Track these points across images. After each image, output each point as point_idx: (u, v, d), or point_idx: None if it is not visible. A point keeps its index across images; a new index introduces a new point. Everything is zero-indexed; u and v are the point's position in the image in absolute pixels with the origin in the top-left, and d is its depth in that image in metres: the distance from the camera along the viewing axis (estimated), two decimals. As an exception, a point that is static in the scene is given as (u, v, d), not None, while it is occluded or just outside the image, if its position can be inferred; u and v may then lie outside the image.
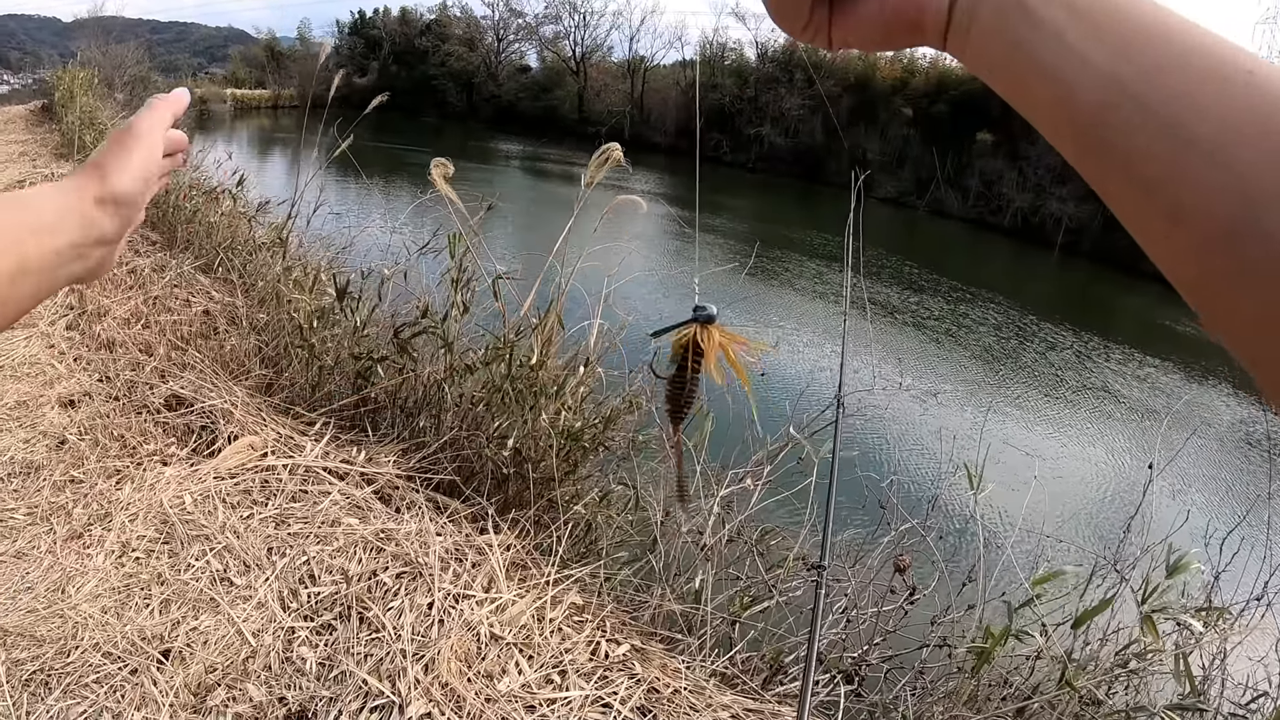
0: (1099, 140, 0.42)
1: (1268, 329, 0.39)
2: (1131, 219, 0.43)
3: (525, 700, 2.07)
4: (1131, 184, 0.42)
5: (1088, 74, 0.42)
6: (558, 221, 3.52)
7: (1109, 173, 0.43)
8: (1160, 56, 0.40)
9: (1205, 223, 0.39)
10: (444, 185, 3.17)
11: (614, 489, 3.28)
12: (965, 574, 3.03)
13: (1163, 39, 0.41)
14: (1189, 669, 2.23)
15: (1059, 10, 0.43)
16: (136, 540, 2.88)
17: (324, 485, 3.19)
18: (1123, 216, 0.44)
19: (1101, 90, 0.41)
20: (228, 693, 2.28)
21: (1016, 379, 13.11)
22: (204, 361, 4.27)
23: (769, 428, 3.35)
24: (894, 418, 4.04)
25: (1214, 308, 0.41)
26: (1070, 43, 0.42)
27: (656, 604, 2.78)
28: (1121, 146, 0.41)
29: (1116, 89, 0.41)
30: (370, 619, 2.44)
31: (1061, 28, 0.43)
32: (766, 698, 2.35)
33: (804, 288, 16.94)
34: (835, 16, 0.51)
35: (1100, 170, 0.43)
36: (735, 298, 9.81)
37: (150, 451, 3.43)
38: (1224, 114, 0.39)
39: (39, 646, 2.42)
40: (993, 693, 2.58)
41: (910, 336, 14.72)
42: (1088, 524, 3.62)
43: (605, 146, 3.22)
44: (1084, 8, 0.43)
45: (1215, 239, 0.39)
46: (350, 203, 8.01)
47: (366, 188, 6.31)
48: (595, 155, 3.21)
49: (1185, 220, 0.40)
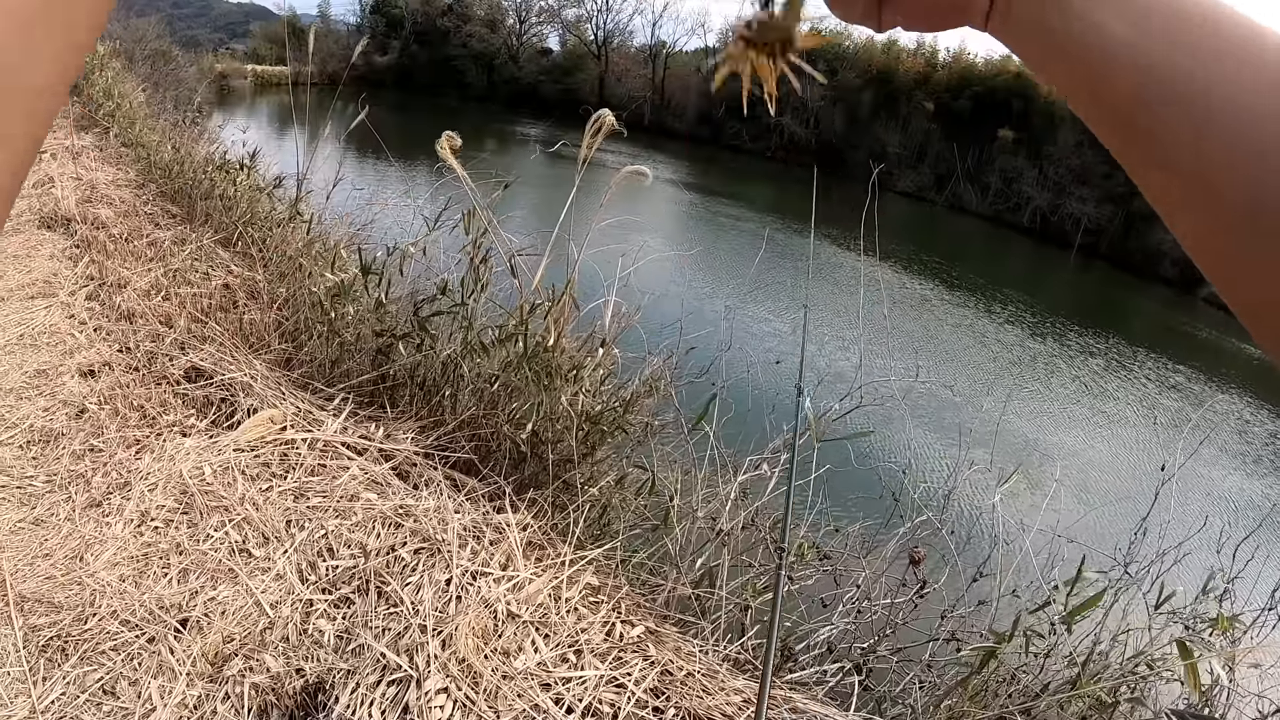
0: (1133, 121, 0.43)
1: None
2: (1161, 200, 0.44)
3: (541, 678, 2.07)
4: (1163, 163, 0.43)
5: (1124, 56, 0.42)
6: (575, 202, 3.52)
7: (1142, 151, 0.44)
8: (1197, 38, 0.41)
9: (1234, 202, 0.40)
10: (452, 157, 3.17)
11: (630, 472, 3.29)
12: (976, 569, 3.03)
13: (1199, 22, 0.42)
14: (1198, 676, 2.23)
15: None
16: (155, 510, 2.89)
17: (342, 460, 3.20)
18: (1152, 197, 0.45)
19: (1137, 71, 0.42)
20: (245, 663, 2.29)
21: (1033, 376, 13.07)
22: (224, 334, 4.28)
23: (786, 415, 3.35)
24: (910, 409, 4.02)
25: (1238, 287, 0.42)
26: (1108, 25, 0.43)
27: (671, 587, 2.79)
28: (1155, 127, 0.42)
29: (1149, 70, 0.42)
30: (388, 593, 2.45)
31: (1100, 10, 0.43)
32: (778, 684, 2.35)
33: (822, 276, 16.89)
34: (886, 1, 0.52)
35: (1133, 149, 0.44)
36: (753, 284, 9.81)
37: (170, 422, 3.44)
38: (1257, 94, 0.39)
39: (57, 613, 2.44)
40: (1000, 689, 2.59)
41: (927, 330, 14.68)
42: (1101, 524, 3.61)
43: (597, 114, 3.18)
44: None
45: (1243, 218, 0.39)
46: (369, 179, 8.02)
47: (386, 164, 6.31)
48: (589, 125, 3.17)
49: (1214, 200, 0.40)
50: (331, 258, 4.31)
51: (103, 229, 5.74)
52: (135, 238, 5.66)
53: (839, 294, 14.44)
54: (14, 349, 3.89)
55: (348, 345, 4.10)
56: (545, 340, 3.21)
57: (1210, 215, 0.41)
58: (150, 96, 11.86)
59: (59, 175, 7.27)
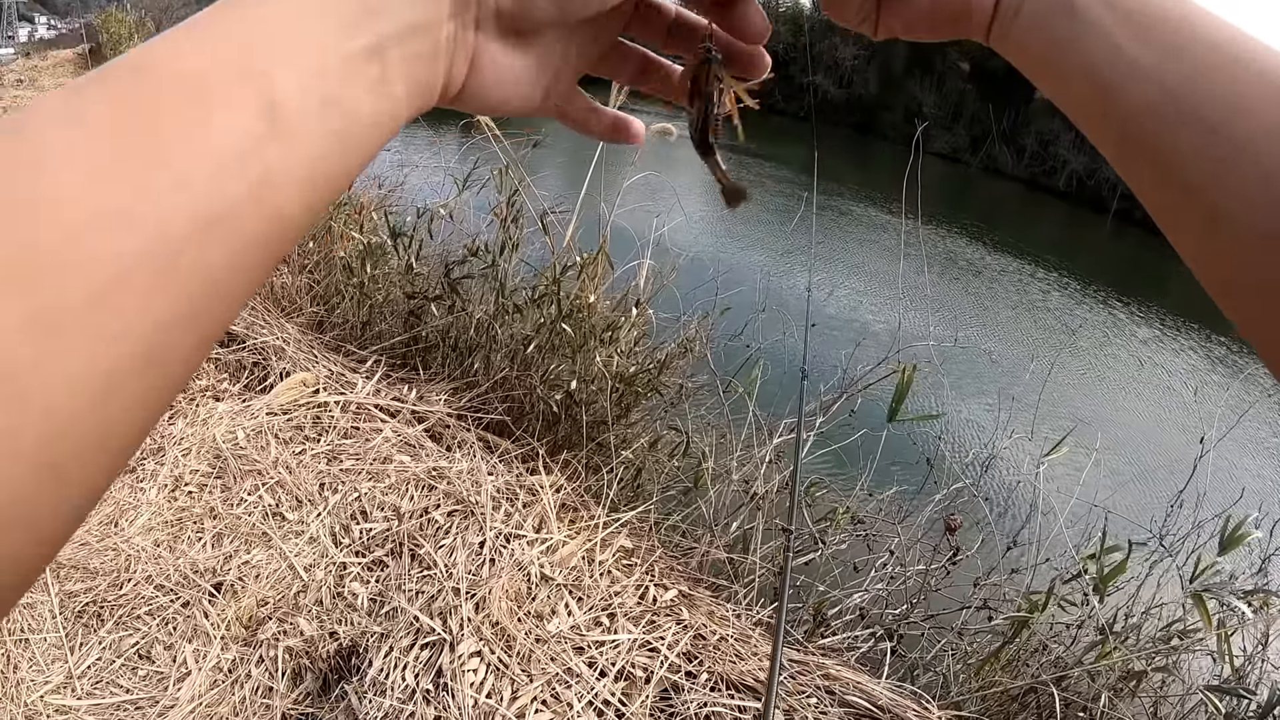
0: (1140, 140, 0.42)
1: None
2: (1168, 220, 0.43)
3: (574, 641, 2.05)
4: (1170, 185, 0.41)
5: (1132, 74, 0.41)
6: (607, 161, 3.46)
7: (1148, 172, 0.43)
8: (1206, 59, 0.40)
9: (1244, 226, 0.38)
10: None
11: (664, 434, 3.25)
12: (1010, 538, 2.98)
13: (1209, 42, 0.40)
14: (1231, 650, 2.18)
15: (1104, 9, 0.42)
16: (189, 474, 2.90)
17: (375, 422, 3.18)
18: (1159, 216, 0.44)
19: (1145, 90, 0.41)
20: (279, 626, 2.29)
21: (1075, 344, 12.88)
22: (256, 299, 4.28)
23: (823, 378, 3.30)
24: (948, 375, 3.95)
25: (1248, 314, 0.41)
26: (1115, 42, 0.42)
27: (704, 551, 2.76)
28: (1162, 147, 0.41)
29: (1160, 90, 0.40)
30: (422, 556, 2.44)
31: (1107, 26, 0.42)
32: (810, 649, 2.32)
33: (859, 236, 16.73)
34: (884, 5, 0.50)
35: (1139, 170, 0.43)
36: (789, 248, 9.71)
37: (203, 387, 3.44)
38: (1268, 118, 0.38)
39: (92, 579, 2.45)
40: (1032, 659, 2.55)
41: (966, 294, 14.49)
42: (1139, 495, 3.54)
43: None
44: (1130, 7, 0.42)
45: (1253, 243, 0.38)
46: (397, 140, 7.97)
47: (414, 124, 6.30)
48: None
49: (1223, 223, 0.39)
50: (361, 220, 4.28)
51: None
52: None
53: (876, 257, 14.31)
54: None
55: (379, 308, 4.09)
56: (579, 300, 3.17)
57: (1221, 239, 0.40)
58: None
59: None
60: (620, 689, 1.93)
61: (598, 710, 1.86)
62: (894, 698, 2.05)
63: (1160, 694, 2.48)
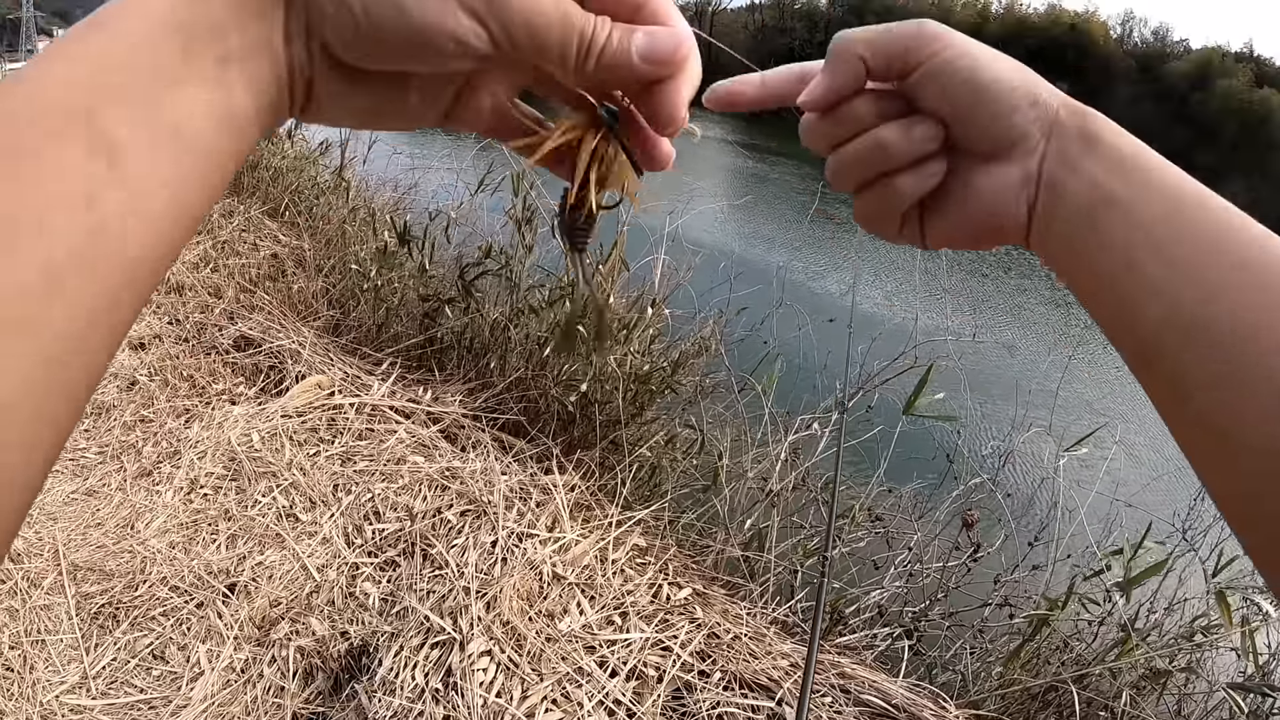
0: (1156, 355, 0.43)
1: None
2: (1181, 432, 0.43)
3: (586, 641, 2.04)
4: (1183, 401, 0.42)
5: (1150, 291, 0.42)
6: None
7: (1163, 385, 0.43)
8: (1223, 278, 0.40)
9: (1258, 450, 0.38)
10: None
11: (680, 432, 3.23)
12: (1032, 534, 2.94)
13: (1228, 260, 0.41)
14: (1255, 647, 2.14)
15: (1122, 228, 0.44)
16: (204, 477, 2.91)
17: (390, 424, 3.18)
18: (1171, 426, 0.44)
19: (1162, 309, 0.41)
20: (291, 626, 2.29)
21: (1094, 337, 12.72)
22: (272, 303, 4.29)
23: (839, 373, 3.27)
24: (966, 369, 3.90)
25: (1259, 536, 0.40)
26: (1134, 259, 0.43)
27: (719, 549, 2.74)
28: (1177, 365, 0.41)
29: (1177, 309, 0.41)
30: (434, 556, 2.43)
31: (1125, 244, 0.43)
32: (826, 648, 2.30)
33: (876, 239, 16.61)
34: (927, 226, 0.53)
35: (1154, 381, 0.44)
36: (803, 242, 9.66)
37: (219, 391, 3.46)
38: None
39: (108, 580, 2.46)
40: (1053, 657, 2.51)
41: (984, 288, 14.36)
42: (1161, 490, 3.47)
43: None
44: (1148, 223, 0.43)
45: (1267, 470, 0.38)
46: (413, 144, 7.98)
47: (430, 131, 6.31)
48: None
49: (1235, 444, 0.39)
50: (374, 224, 4.29)
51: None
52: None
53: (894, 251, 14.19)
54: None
55: (394, 310, 4.10)
56: (609, 299, 3.15)
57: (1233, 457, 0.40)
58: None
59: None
60: (631, 688, 1.91)
61: (608, 710, 1.84)
62: (911, 697, 2.03)
63: (1184, 692, 2.44)
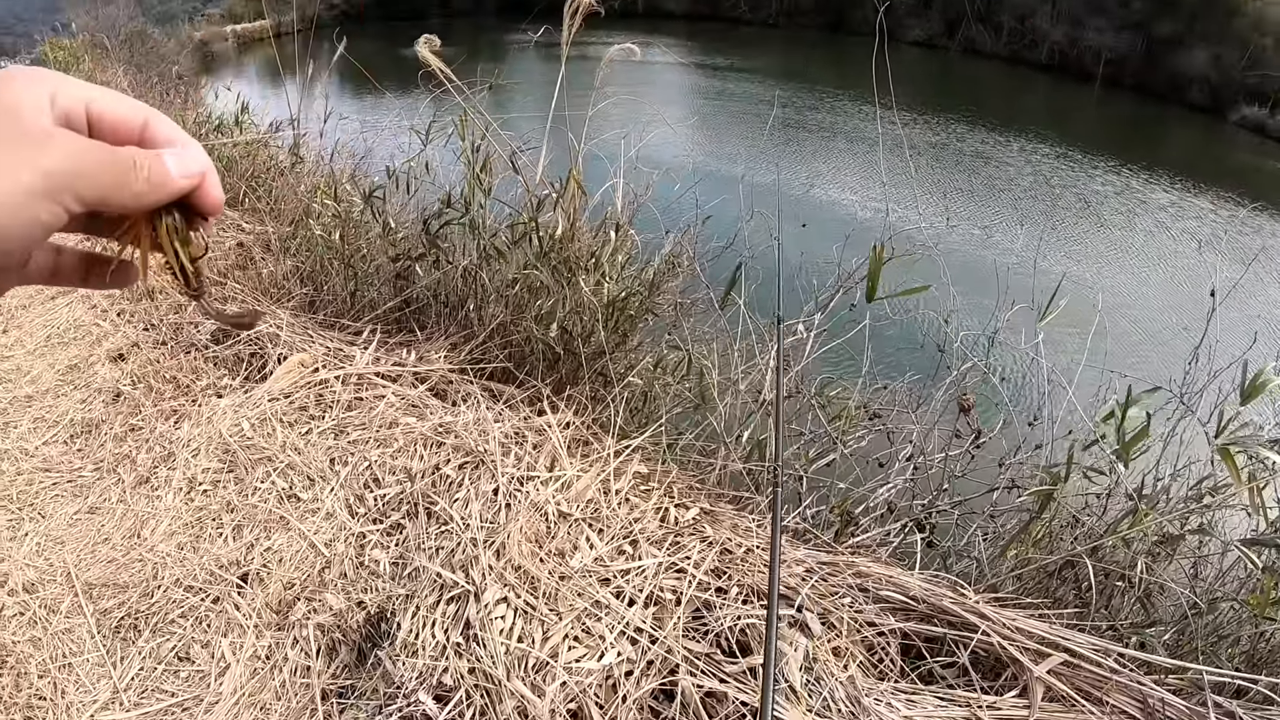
0: None
1: None
2: None
3: (599, 574, 2.03)
4: None
5: None
6: (576, 98, 3.38)
7: None
8: None
9: None
10: (435, 59, 3.02)
11: (666, 355, 3.20)
12: (1030, 414, 2.93)
13: None
14: (1264, 503, 2.13)
15: None
16: (201, 474, 2.90)
17: (377, 390, 3.16)
18: None
19: None
20: (308, 605, 2.29)
21: (1067, 214, 12.67)
22: (244, 291, 4.26)
23: (818, 275, 3.24)
24: (944, 258, 3.85)
25: None
26: None
27: (721, 465, 2.73)
28: None
29: None
30: (438, 513, 2.42)
31: None
32: (840, 549, 2.29)
33: (842, 131, 16.53)
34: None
35: None
36: (767, 150, 9.57)
37: (204, 387, 3.43)
38: None
39: (123, 593, 2.47)
40: (1065, 533, 2.51)
41: (953, 176, 14.30)
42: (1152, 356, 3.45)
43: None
44: None
45: None
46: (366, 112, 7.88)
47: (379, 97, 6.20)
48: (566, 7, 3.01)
49: None
50: (335, 193, 4.22)
51: (108, 219, 5.72)
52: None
53: (863, 151, 14.14)
54: (43, 350, 3.91)
55: (366, 278, 4.05)
56: (558, 232, 3.10)
57: None
58: (134, 79, 11.64)
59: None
60: (651, 614, 1.90)
61: (630, 639, 1.83)
62: (929, 587, 2.02)
63: (1198, 554, 2.44)
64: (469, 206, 3.37)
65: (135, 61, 15.20)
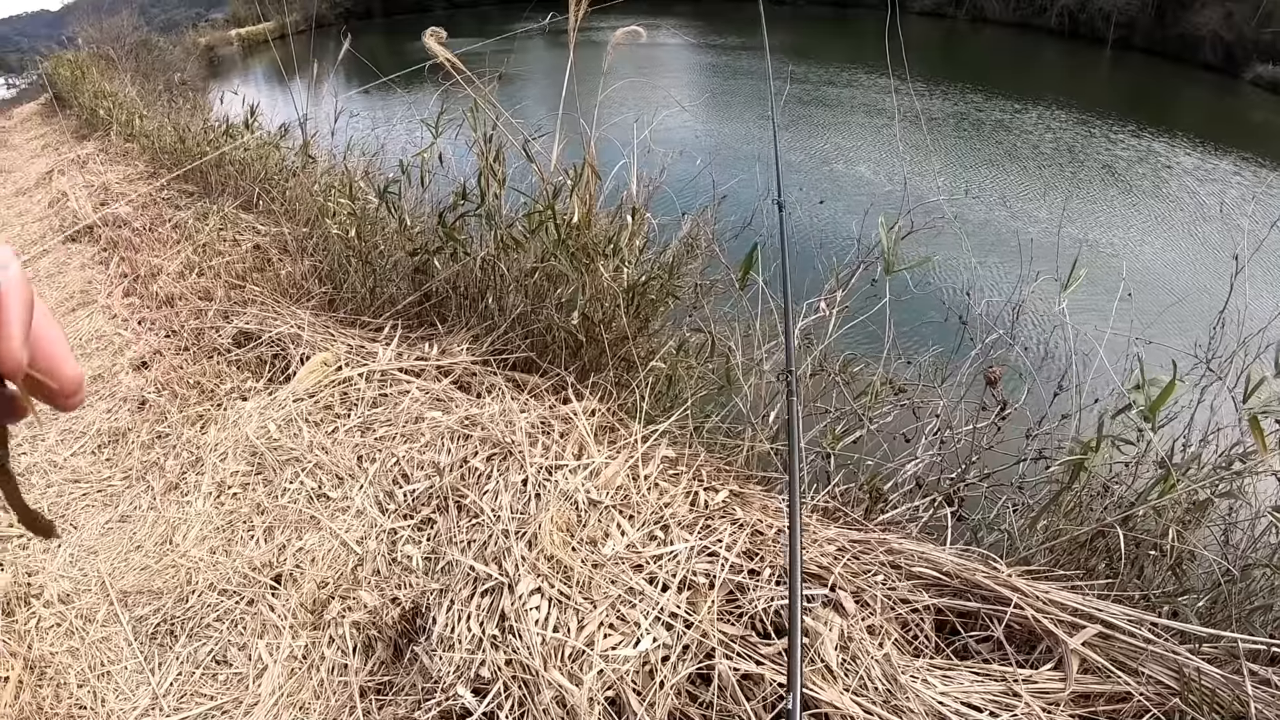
0: None
1: None
2: None
3: (631, 560, 2.02)
4: None
5: None
6: (585, 84, 3.36)
7: None
8: None
9: None
10: (441, 49, 3.01)
11: (689, 337, 3.19)
12: (1056, 383, 2.90)
13: None
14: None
15: None
16: (230, 477, 2.92)
17: (402, 385, 3.16)
18: None
19: None
20: (342, 603, 2.30)
21: (1086, 180, 12.54)
22: (263, 293, 4.27)
23: (838, 252, 3.21)
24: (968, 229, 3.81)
25: None
26: None
27: (749, 446, 2.71)
28: None
29: None
30: (468, 506, 2.43)
31: None
32: (871, 527, 2.28)
33: (860, 105, 16.44)
34: None
35: None
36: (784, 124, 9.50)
37: (228, 390, 3.45)
38: None
39: (158, 599, 2.49)
40: (1095, 503, 2.47)
41: (975, 146, 14.19)
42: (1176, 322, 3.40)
43: None
44: None
45: None
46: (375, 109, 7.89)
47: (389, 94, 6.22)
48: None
49: None
50: (350, 191, 4.22)
51: (125, 226, 5.77)
52: (158, 225, 5.66)
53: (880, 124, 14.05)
54: (68, 364, 3.94)
55: (385, 274, 4.05)
56: (575, 219, 3.09)
57: None
58: (142, 88, 11.68)
59: (70, 188, 7.32)
60: (685, 599, 1.89)
61: (665, 624, 1.83)
62: (961, 562, 2.01)
63: (1229, 521, 2.41)
64: (484, 197, 3.36)
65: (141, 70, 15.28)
